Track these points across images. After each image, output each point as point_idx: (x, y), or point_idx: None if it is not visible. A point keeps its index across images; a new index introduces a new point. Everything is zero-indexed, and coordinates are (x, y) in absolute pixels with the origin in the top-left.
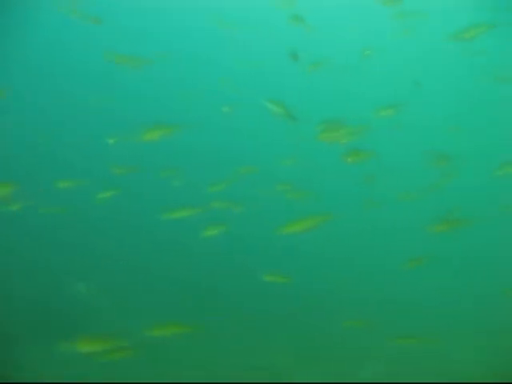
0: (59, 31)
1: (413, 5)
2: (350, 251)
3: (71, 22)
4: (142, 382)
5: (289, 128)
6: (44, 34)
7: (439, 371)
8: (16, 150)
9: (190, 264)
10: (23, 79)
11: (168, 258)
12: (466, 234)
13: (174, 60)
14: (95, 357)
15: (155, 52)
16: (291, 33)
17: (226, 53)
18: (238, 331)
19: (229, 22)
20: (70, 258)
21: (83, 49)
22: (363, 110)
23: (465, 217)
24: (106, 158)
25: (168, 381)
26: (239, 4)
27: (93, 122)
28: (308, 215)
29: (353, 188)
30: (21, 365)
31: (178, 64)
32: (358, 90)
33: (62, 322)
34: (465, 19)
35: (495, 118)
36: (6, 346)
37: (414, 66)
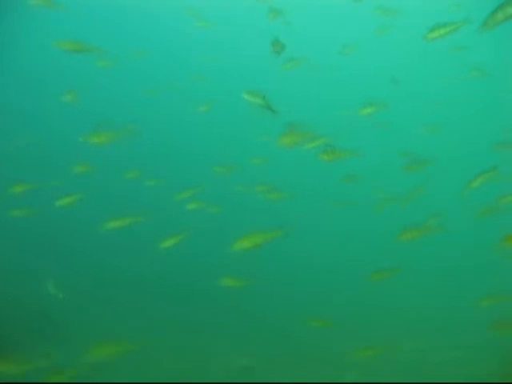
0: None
1: (392, 2)
2: (322, 253)
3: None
4: (142, 382)
5: (262, 127)
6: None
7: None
8: None
9: (157, 266)
10: None
11: (137, 261)
12: (440, 240)
13: (148, 57)
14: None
15: (127, 48)
16: (267, 30)
17: (201, 51)
18: (203, 333)
19: (204, 19)
20: (31, 260)
21: (44, 40)
22: (340, 109)
23: (439, 223)
24: (74, 159)
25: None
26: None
27: (62, 120)
28: (258, 231)
29: (328, 188)
30: None
31: (151, 61)
32: (333, 90)
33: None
34: (445, 17)
35: (476, 117)
36: None
37: (393, 64)
